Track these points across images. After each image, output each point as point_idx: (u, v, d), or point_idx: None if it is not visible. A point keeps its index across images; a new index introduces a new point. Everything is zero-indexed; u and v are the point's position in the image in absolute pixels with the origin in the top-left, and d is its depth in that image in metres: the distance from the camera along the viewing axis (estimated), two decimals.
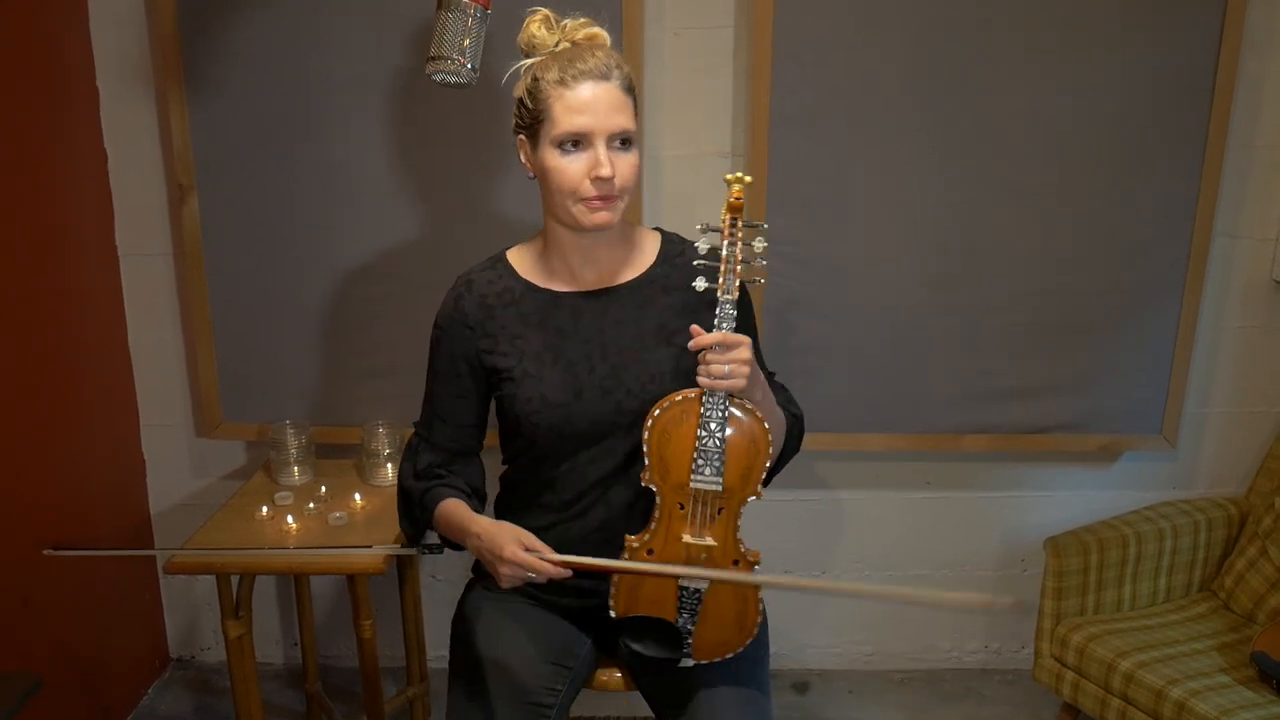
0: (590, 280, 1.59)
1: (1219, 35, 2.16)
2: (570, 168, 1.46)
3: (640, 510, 1.61)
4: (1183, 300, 2.32)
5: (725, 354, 1.41)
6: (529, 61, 1.52)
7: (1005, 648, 2.72)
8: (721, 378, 1.41)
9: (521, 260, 1.63)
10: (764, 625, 1.70)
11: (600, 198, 1.46)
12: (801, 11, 2.16)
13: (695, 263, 1.47)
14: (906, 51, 2.18)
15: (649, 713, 1.66)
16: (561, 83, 1.44)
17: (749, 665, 1.61)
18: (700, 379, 1.42)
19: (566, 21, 1.52)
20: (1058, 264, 2.30)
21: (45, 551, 2.10)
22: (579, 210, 1.48)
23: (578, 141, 1.45)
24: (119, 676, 2.50)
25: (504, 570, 1.46)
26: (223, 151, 2.26)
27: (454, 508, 1.59)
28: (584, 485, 1.60)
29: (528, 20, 1.52)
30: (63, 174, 2.23)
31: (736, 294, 1.44)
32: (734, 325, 1.42)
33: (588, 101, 1.44)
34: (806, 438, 1.73)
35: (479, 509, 1.64)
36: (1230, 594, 2.34)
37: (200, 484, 2.58)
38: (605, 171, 1.44)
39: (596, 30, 1.53)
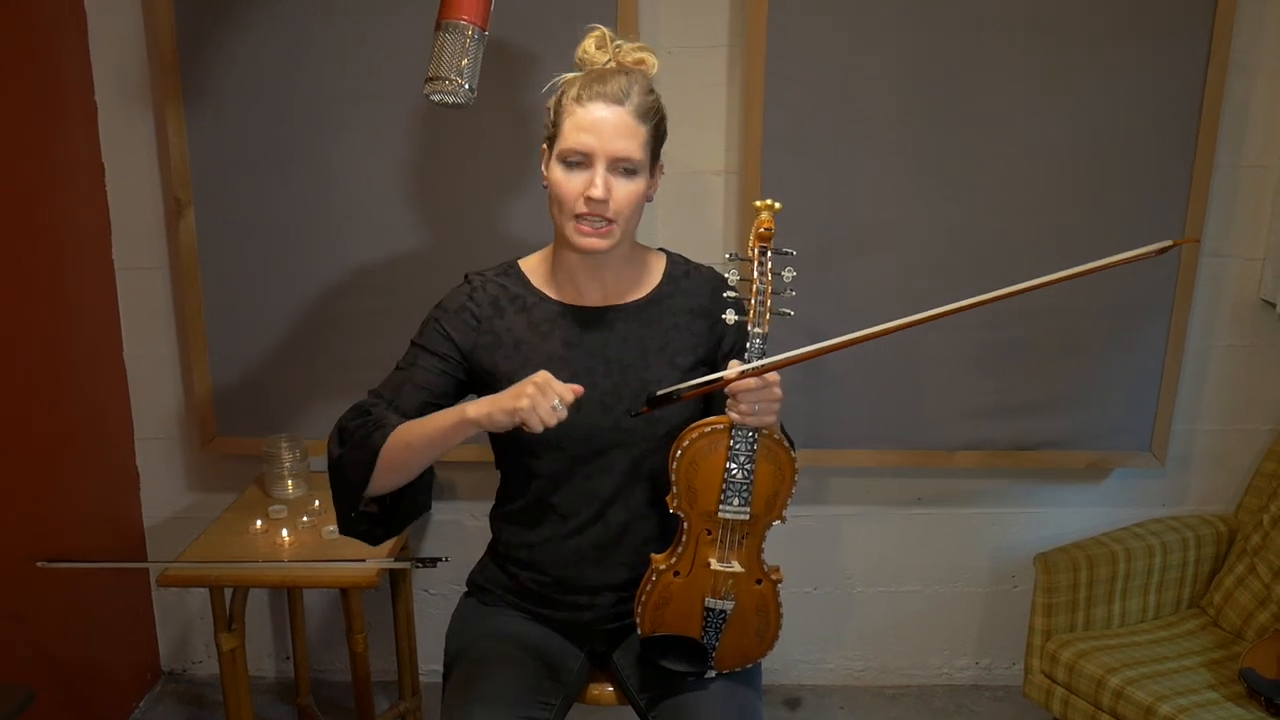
0: (596, 298, 1.60)
1: (1206, 57, 2.19)
2: (567, 183, 1.48)
3: (637, 530, 1.62)
4: (1171, 319, 2.34)
5: (758, 393, 1.41)
6: (566, 76, 1.54)
7: (996, 664, 2.73)
8: (752, 415, 1.41)
9: (533, 270, 1.63)
10: None
11: (591, 218, 1.47)
12: (795, 31, 2.18)
13: (725, 294, 1.47)
14: (899, 72, 2.21)
15: None
16: (577, 100, 1.47)
17: (741, 681, 1.62)
18: (731, 414, 1.42)
19: (621, 43, 1.55)
20: None
21: (38, 564, 2.11)
22: (571, 228, 1.49)
23: (580, 159, 1.47)
24: (111, 689, 2.50)
25: (529, 392, 1.34)
26: (220, 166, 2.28)
27: (421, 420, 1.47)
28: (581, 504, 1.60)
29: (586, 35, 1.55)
30: (60, 187, 2.24)
31: (767, 328, 1.44)
32: (763, 357, 1.42)
33: (594, 122, 1.46)
34: (799, 453, 1.74)
35: (403, 517, 1.57)
36: (1219, 611, 2.36)
37: (194, 497, 2.58)
38: (596, 192, 1.45)
39: (646, 55, 1.55)
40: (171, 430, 2.54)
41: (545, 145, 1.55)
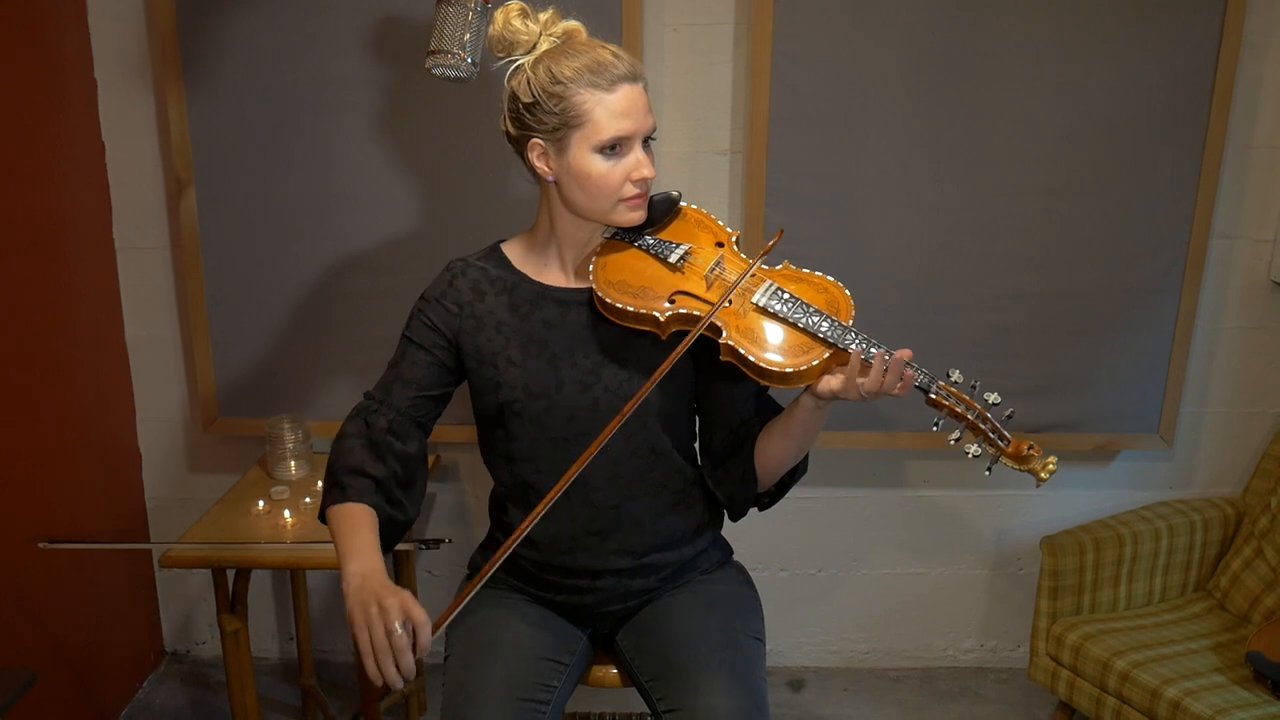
0: (583, 278, 1.59)
1: (1218, 37, 2.17)
2: (614, 172, 1.47)
3: (627, 512, 1.60)
4: (1180, 300, 2.33)
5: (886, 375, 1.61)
6: (527, 60, 1.50)
7: (1001, 646, 2.72)
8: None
9: (515, 252, 1.63)
10: (760, 619, 1.70)
11: (639, 195, 1.50)
12: (801, 10, 2.16)
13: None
14: (906, 51, 2.18)
15: (644, 708, 1.66)
16: (597, 86, 1.44)
17: (745, 662, 1.60)
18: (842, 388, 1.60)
19: (541, 14, 1.51)
20: (1056, 263, 2.30)
21: (40, 545, 2.10)
22: (621, 211, 1.50)
23: (617, 145, 1.46)
24: (114, 670, 2.50)
25: (370, 612, 1.34)
26: (221, 145, 2.26)
27: (356, 515, 1.50)
28: (567, 485, 1.59)
29: (504, 14, 1.50)
30: (60, 167, 2.22)
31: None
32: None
33: (630, 106, 1.46)
34: None
35: (387, 541, 1.56)
36: (1226, 594, 2.35)
37: (196, 479, 2.58)
38: (649, 171, 1.49)
39: (575, 24, 1.53)
40: (173, 411, 2.53)
41: (539, 139, 1.49)
